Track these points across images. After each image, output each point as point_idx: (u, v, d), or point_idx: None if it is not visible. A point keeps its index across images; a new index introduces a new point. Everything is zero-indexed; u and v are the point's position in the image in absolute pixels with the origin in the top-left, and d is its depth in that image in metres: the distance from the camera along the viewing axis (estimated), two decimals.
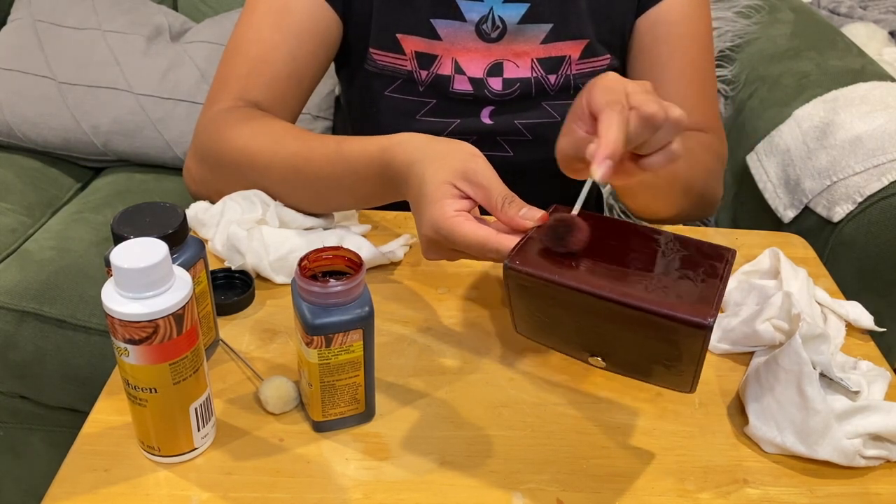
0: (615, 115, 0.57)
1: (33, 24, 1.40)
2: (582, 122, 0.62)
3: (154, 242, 0.51)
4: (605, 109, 0.58)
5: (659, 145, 0.60)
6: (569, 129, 0.64)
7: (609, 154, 0.55)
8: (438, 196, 0.60)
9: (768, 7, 1.44)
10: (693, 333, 0.51)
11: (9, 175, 1.35)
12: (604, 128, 0.57)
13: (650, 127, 0.58)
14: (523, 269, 0.55)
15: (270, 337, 0.69)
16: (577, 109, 0.62)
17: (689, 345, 0.52)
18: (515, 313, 0.60)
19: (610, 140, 0.56)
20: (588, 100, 0.60)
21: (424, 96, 0.89)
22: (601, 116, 0.58)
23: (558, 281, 0.54)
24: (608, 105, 0.58)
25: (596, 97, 0.59)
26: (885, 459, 0.60)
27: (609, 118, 0.57)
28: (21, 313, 1.08)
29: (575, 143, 0.62)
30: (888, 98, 1.04)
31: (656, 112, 0.57)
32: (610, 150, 0.56)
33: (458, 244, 0.59)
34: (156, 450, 0.56)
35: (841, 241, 0.97)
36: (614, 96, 0.58)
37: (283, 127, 0.79)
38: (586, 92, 0.61)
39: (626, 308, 0.52)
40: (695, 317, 0.50)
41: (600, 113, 0.58)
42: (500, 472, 0.58)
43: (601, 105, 0.58)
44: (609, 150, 0.56)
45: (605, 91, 0.59)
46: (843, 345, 0.71)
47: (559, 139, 0.65)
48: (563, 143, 0.64)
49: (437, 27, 0.87)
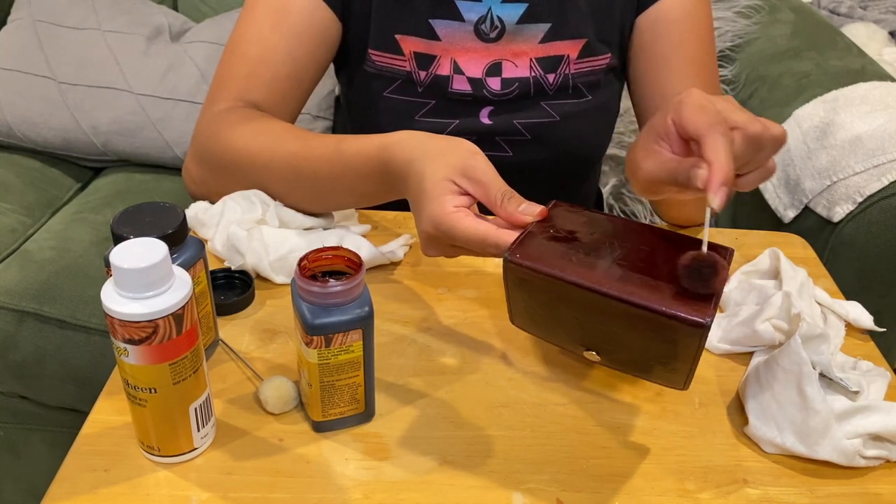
0: (721, 139, 0.55)
1: (33, 24, 1.40)
2: (667, 142, 0.61)
3: (154, 242, 0.51)
4: (710, 132, 0.56)
5: (759, 164, 0.60)
6: (652, 151, 0.62)
7: (723, 180, 0.54)
8: (438, 192, 0.60)
9: (768, 7, 1.44)
10: (691, 332, 0.51)
11: (9, 175, 1.35)
12: (711, 152, 0.55)
13: (756, 148, 0.58)
14: (523, 262, 0.55)
15: (270, 337, 0.69)
16: (661, 128, 0.61)
17: (686, 343, 0.52)
18: (513, 306, 0.60)
19: (723, 165, 0.54)
20: (679, 120, 0.59)
21: (423, 97, 0.89)
22: (706, 139, 0.56)
23: (557, 275, 0.54)
24: (711, 128, 0.56)
25: (691, 118, 0.58)
26: (885, 459, 0.60)
27: (716, 142, 0.55)
28: (21, 313, 1.08)
29: (664, 164, 0.60)
30: (888, 98, 1.04)
31: (762, 132, 0.57)
32: (723, 176, 0.54)
33: (458, 240, 0.59)
34: (156, 450, 0.56)
35: (841, 241, 0.97)
36: (713, 117, 0.57)
37: (282, 127, 0.79)
38: (673, 111, 0.60)
39: (625, 304, 0.52)
40: (693, 315, 0.50)
41: (704, 136, 0.56)
42: (500, 472, 0.58)
43: (702, 127, 0.56)
44: (722, 175, 0.54)
45: (699, 111, 0.58)
46: (843, 345, 0.71)
47: (643, 161, 0.63)
48: (651, 166, 0.62)
49: (435, 27, 0.87)
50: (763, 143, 0.58)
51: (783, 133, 0.59)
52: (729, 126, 0.57)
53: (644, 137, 0.64)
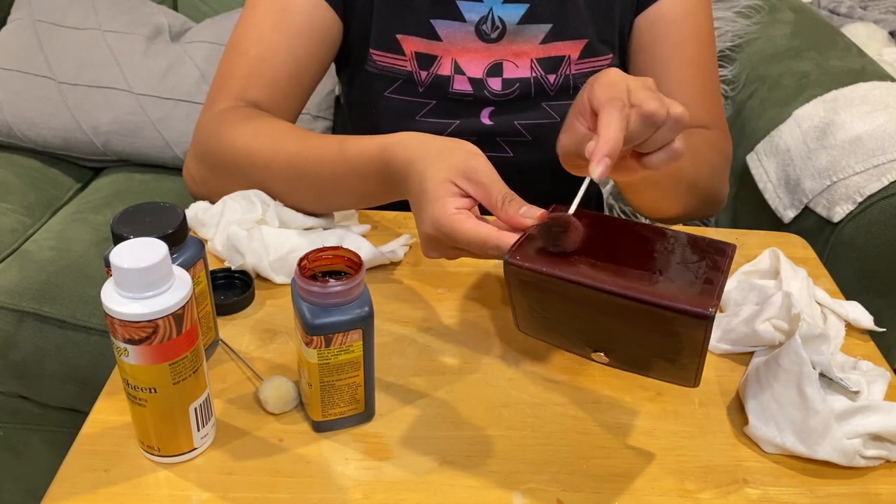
0: (615, 113, 0.56)
1: (33, 24, 1.40)
2: (584, 118, 0.62)
3: (154, 242, 0.51)
4: (606, 106, 0.57)
5: (661, 143, 0.60)
6: (570, 125, 0.63)
7: (607, 152, 0.55)
8: (439, 194, 0.60)
9: (768, 7, 1.44)
10: (695, 324, 0.50)
11: (9, 175, 1.35)
12: (603, 125, 0.56)
13: (651, 125, 0.58)
14: (524, 264, 0.55)
15: (270, 337, 0.69)
16: (579, 105, 0.62)
17: (691, 336, 0.52)
18: (517, 310, 0.60)
19: (609, 138, 0.55)
20: (589, 96, 0.60)
21: (424, 97, 0.89)
22: (601, 114, 0.57)
23: (559, 275, 0.54)
24: (608, 102, 0.57)
25: (597, 93, 0.59)
26: (885, 459, 0.60)
27: (609, 115, 0.57)
28: (21, 313, 1.08)
29: (576, 139, 0.62)
30: (888, 98, 1.04)
31: (657, 109, 0.57)
32: (608, 149, 0.55)
33: (459, 242, 0.59)
34: (156, 450, 0.56)
35: (841, 241, 0.97)
36: (615, 93, 0.58)
37: (283, 126, 0.79)
38: (588, 88, 0.61)
39: (628, 301, 0.52)
40: (696, 307, 0.50)
41: (600, 110, 0.58)
42: (500, 472, 0.58)
43: (602, 102, 0.58)
44: (607, 148, 0.55)
45: (606, 87, 0.59)
46: (843, 345, 0.71)
47: (560, 135, 0.65)
48: (565, 140, 0.64)
49: (436, 27, 0.87)
50: (657, 120, 0.58)
51: (682, 113, 0.59)
52: (630, 103, 0.57)
53: (568, 115, 0.65)
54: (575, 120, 0.63)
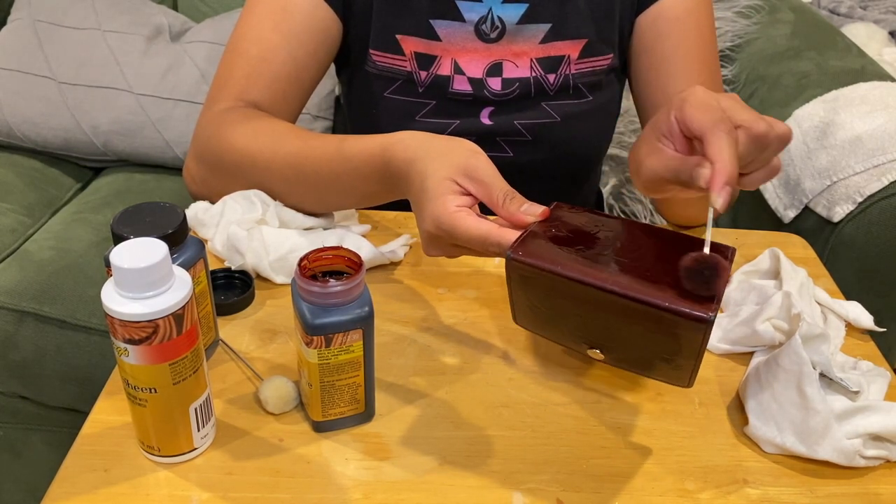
0: (725, 137, 0.55)
1: (33, 24, 1.40)
2: (670, 140, 0.60)
3: (154, 242, 0.51)
4: (714, 131, 0.55)
5: (765, 163, 0.59)
6: (655, 149, 0.61)
7: (727, 180, 0.54)
8: (440, 192, 0.60)
9: (768, 7, 1.44)
10: (694, 328, 0.50)
11: (9, 175, 1.35)
12: (715, 151, 0.54)
13: (760, 147, 0.57)
14: (525, 259, 0.55)
15: (270, 337, 0.69)
16: (664, 126, 0.60)
17: (689, 339, 0.52)
18: (515, 305, 0.60)
19: (726, 165, 0.54)
20: (682, 117, 0.58)
21: (424, 97, 0.89)
22: (709, 138, 0.55)
23: (560, 272, 0.54)
24: (715, 125, 0.55)
25: (695, 115, 0.57)
26: (885, 459, 0.60)
27: (719, 140, 0.55)
28: (21, 313, 1.08)
29: (667, 163, 0.60)
30: (888, 98, 1.04)
31: (767, 131, 0.56)
32: (727, 176, 0.54)
33: (460, 239, 0.59)
34: (156, 450, 0.56)
35: (841, 241, 0.97)
36: (717, 114, 0.56)
37: (283, 126, 0.79)
38: (676, 108, 0.59)
39: (628, 301, 0.52)
40: (696, 311, 0.50)
41: (707, 134, 0.56)
42: (500, 472, 0.58)
43: (706, 125, 0.56)
44: (726, 175, 0.54)
45: (703, 109, 0.57)
46: (843, 345, 0.71)
47: (644, 158, 0.62)
48: (654, 164, 0.61)
49: (436, 28, 0.87)
50: (768, 141, 0.57)
51: (788, 131, 0.58)
52: (733, 124, 0.56)
53: (647, 135, 0.63)
54: (659, 143, 0.61)
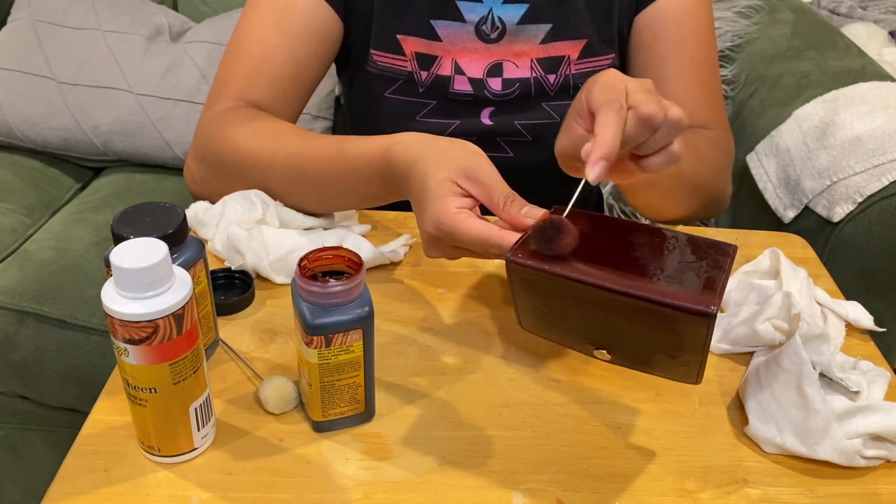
0: (612, 115, 0.56)
1: (33, 24, 1.40)
2: (582, 119, 0.61)
3: (154, 242, 0.51)
4: (603, 108, 0.57)
5: (658, 146, 0.60)
6: (568, 126, 0.63)
7: (603, 155, 0.55)
8: (441, 193, 0.60)
9: (768, 7, 1.44)
10: (697, 322, 0.50)
11: (9, 175, 1.35)
12: (600, 127, 0.56)
13: (648, 127, 0.58)
14: (526, 262, 0.55)
15: (270, 337, 0.69)
16: (578, 106, 0.62)
17: (693, 334, 0.52)
18: (519, 308, 0.60)
19: (605, 140, 0.55)
20: (587, 97, 0.60)
21: (424, 97, 0.89)
22: (598, 115, 0.57)
23: (561, 274, 0.54)
24: (606, 104, 0.57)
25: (595, 95, 0.59)
26: (885, 459, 0.60)
27: (606, 117, 0.56)
28: (21, 313, 1.08)
29: (574, 140, 0.61)
30: (888, 98, 1.04)
31: (655, 112, 0.57)
32: (604, 151, 0.55)
33: (461, 240, 0.59)
34: (156, 450, 0.56)
35: (841, 241, 0.97)
36: (613, 94, 0.58)
37: (284, 127, 0.79)
38: (586, 89, 0.61)
39: (630, 299, 0.52)
40: (698, 305, 0.50)
41: (597, 112, 0.57)
42: (500, 472, 0.58)
43: (599, 103, 0.57)
44: (603, 150, 0.55)
45: (604, 88, 0.59)
46: (843, 345, 0.71)
47: (558, 136, 0.64)
48: (563, 140, 0.63)
49: (436, 28, 0.87)
50: (655, 123, 0.57)
51: (681, 116, 0.58)
52: (627, 105, 0.57)
53: (567, 115, 0.64)
54: (573, 121, 0.62)
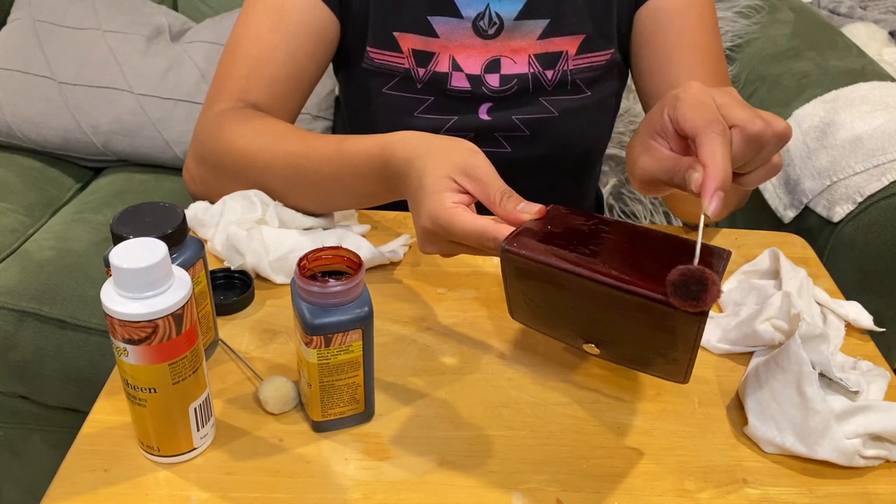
0: (718, 139, 0.52)
1: (33, 24, 1.40)
2: (664, 138, 0.58)
3: (153, 242, 0.51)
4: (705, 132, 0.53)
5: (764, 162, 0.57)
6: (649, 147, 0.59)
7: (720, 185, 0.51)
8: (438, 188, 0.60)
9: (768, 7, 1.44)
10: (689, 319, 0.50)
11: (9, 175, 1.35)
12: (708, 154, 0.52)
13: (757, 147, 0.55)
14: (520, 251, 0.55)
15: (270, 337, 0.69)
16: (657, 124, 0.58)
17: (684, 331, 0.51)
18: (511, 299, 0.60)
19: (719, 169, 0.52)
20: (675, 116, 0.56)
21: (422, 93, 0.89)
22: (702, 139, 0.53)
23: (554, 263, 0.53)
24: (707, 126, 0.53)
25: (687, 115, 0.55)
26: (885, 459, 0.60)
27: (712, 143, 0.52)
28: (21, 313, 1.08)
29: (661, 163, 0.58)
30: (888, 98, 1.04)
31: (763, 130, 0.54)
32: (720, 181, 0.52)
33: (457, 235, 0.59)
34: (155, 450, 0.56)
35: (841, 241, 0.97)
36: (710, 113, 0.54)
37: (283, 127, 0.79)
38: (669, 106, 0.57)
39: (623, 293, 0.51)
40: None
41: (699, 135, 0.53)
42: (499, 472, 0.58)
43: (698, 125, 0.54)
44: (719, 180, 0.51)
45: (696, 107, 0.55)
46: (843, 345, 0.71)
47: (638, 157, 0.61)
48: (647, 164, 0.59)
49: (434, 24, 0.87)
50: (764, 141, 0.55)
51: (786, 129, 0.56)
52: (728, 124, 0.54)
53: (642, 132, 0.62)
54: (652, 140, 0.59)
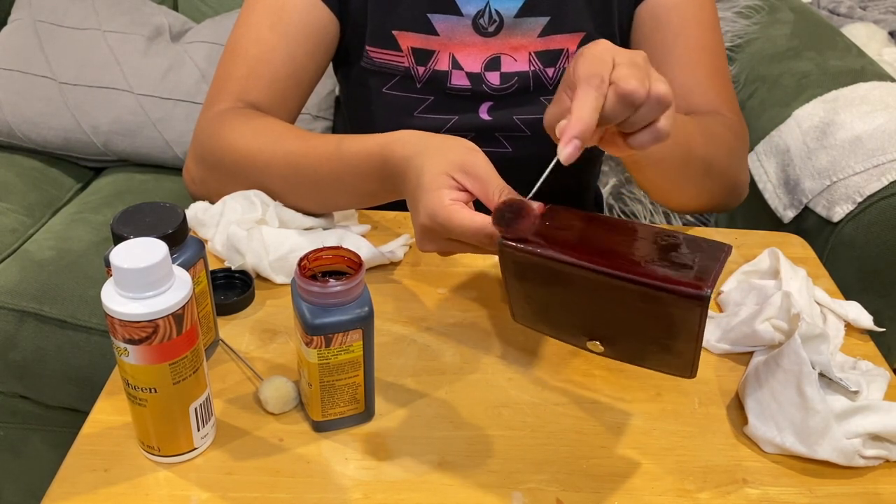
0: (590, 91, 0.54)
1: (33, 24, 1.40)
2: (571, 91, 0.59)
3: (154, 242, 0.51)
4: (582, 83, 0.55)
5: (642, 123, 0.57)
6: (558, 98, 0.61)
7: (577, 133, 0.53)
8: (436, 186, 0.60)
9: (768, 7, 1.44)
10: (690, 306, 0.50)
11: (9, 175, 1.35)
12: (576, 104, 0.54)
13: (629, 105, 0.55)
14: (517, 245, 0.54)
15: (270, 337, 0.69)
16: (567, 78, 0.60)
17: (686, 320, 0.51)
18: (512, 298, 0.60)
19: (580, 118, 0.53)
20: (573, 68, 0.58)
21: (422, 93, 0.89)
22: (577, 91, 0.55)
23: (552, 256, 0.53)
24: (586, 79, 0.54)
25: (577, 68, 0.56)
26: (885, 459, 0.60)
27: (584, 93, 0.54)
28: (21, 313, 1.08)
29: (562, 113, 0.59)
30: (888, 98, 1.04)
31: (635, 89, 0.54)
32: (578, 130, 0.53)
33: (454, 232, 0.59)
34: (156, 450, 0.56)
35: (841, 241, 0.97)
36: (597, 68, 0.55)
37: (282, 127, 0.79)
38: (574, 59, 0.59)
39: (623, 282, 0.51)
40: (692, 288, 0.50)
41: (577, 87, 0.55)
42: (499, 472, 0.58)
43: (580, 78, 0.55)
44: (577, 129, 0.53)
45: (590, 61, 0.56)
46: (843, 345, 0.71)
47: (548, 108, 0.62)
48: (551, 112, 0.61)
49: (433, 22, 0.87)
50: (636, 100, 0.55)
51: (666, 93, 0.56)
52: (608, 80, 0.55)
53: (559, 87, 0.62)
54: (563, 93, 0.60)
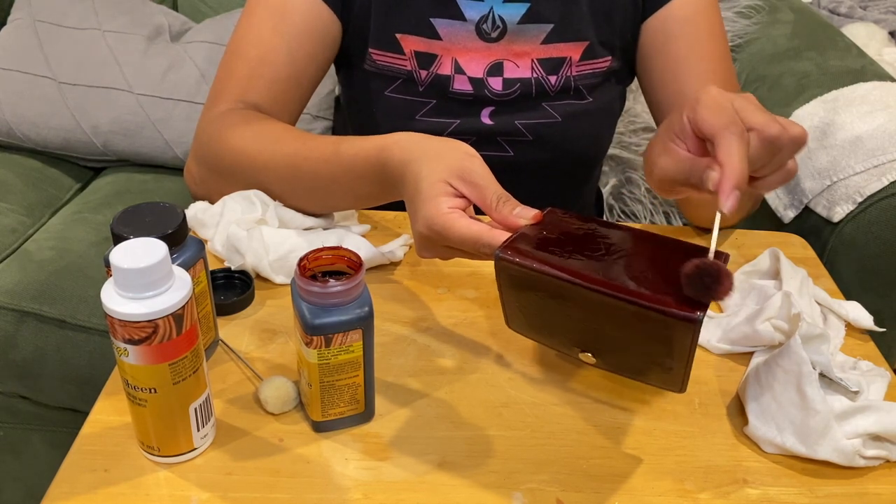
0: (735, 140, 0.54)
1: (33, 24, 1.40)
2: (682, 140, 0.60)
3: (154, 242, 0.51)
4: (723, 133, 0.55)
5: (779, 166, 0.59)
6: (668, 149, 0.61)
7: (736, 184, 0.53)
8: (433, 193, 0.60)
9: (768, 7, 1.44)
10: (683, 328, 0.50)
11: (9, 175, 1.35)
12: (725, 155, 0.54)
13: (773, 150, 0.56)
14: (513, 258, 0.54)
15: (270, 337, 0.69)
16: (677, 126, 0.60)
17: (678, 340, 0.51)
18: (507, 307, 0.60)
19: (735, 169, 0.53)
20: (694, 118, 0.58)
21: (424, 96, 0.89)
22: (720, 140, 0.55)
23: (548, 271, 0.53)
24: (725, 128, 0.55)
25: (706, 117, 0.57)
26: (885, 459, 0.60)
27: (729, 144, 0.54)
28: (21, 313, 1.08)
29: (679, 164, 0.60)
30: (888, 98, 1.04)
31: (779, 134, 0.55)
32: (736, 181, 0.53)
33: (452, 240, 0.59)
34: (155, 450, 0.56)
35: (841, 241, 0.97)
36: (728, 116, 0.56)
37: (282, 128, 0.79)
38: (689, 109, 0.59)
39: (617, 300, 0.51)
40: (685, 311, 0.50)
41: (718, 136, 0.55)
42: (499, 472, 0.58)
43: (716, 127, 0.55)
44: (734, 180, 0.53)
45: (715, 110, 0.57)
46: (843, 345, 0.71)
47: (657, 158, 0.62)
48: (666, 164, 0.61)
49: (436, 26, 0.87)
50: (780, 144, 0.56)
51: (803, 134, 0.57)
52: (745, 127, 0.56)
53: (661, 134, 0.63)
54: (671, 142, 0.61)
